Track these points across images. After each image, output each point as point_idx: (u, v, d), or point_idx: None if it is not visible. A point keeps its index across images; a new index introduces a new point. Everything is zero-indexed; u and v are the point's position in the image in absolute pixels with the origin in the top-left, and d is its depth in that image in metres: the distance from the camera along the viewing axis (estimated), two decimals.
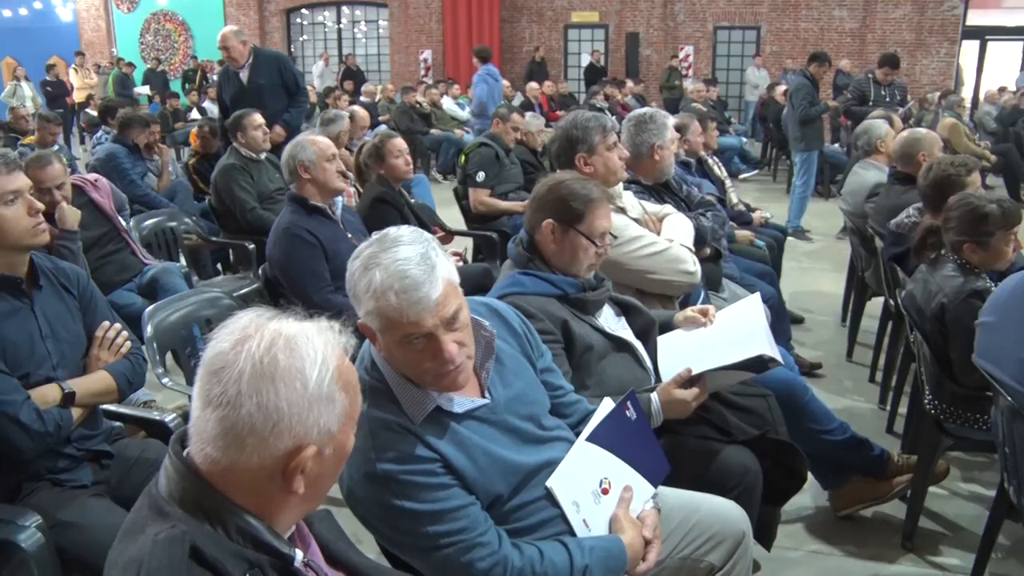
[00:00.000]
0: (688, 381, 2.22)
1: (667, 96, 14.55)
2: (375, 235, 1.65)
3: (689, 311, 2.54)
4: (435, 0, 17.67)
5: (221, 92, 6.26)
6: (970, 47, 16.37)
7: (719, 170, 5.32)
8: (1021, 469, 2.31)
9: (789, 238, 7.32)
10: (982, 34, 16.27)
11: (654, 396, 2.21)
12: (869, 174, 4.81)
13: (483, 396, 1.75)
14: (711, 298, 3.44)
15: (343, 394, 1.19)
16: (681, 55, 16.64)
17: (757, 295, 2.58)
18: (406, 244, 1.59)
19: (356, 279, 1.59)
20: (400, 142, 4.35)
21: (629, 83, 14.09)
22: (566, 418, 1.97)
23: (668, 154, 3.53)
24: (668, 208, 3.31)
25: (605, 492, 1.80)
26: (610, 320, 2.43)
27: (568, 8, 17.70)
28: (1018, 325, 2.36)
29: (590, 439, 1.81)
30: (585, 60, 17.05)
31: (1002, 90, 12.97)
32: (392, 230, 1.65)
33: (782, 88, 10.72)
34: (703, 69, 16.85)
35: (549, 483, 1.74)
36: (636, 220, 3.04)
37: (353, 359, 1.26)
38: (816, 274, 6.49)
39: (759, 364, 2.27)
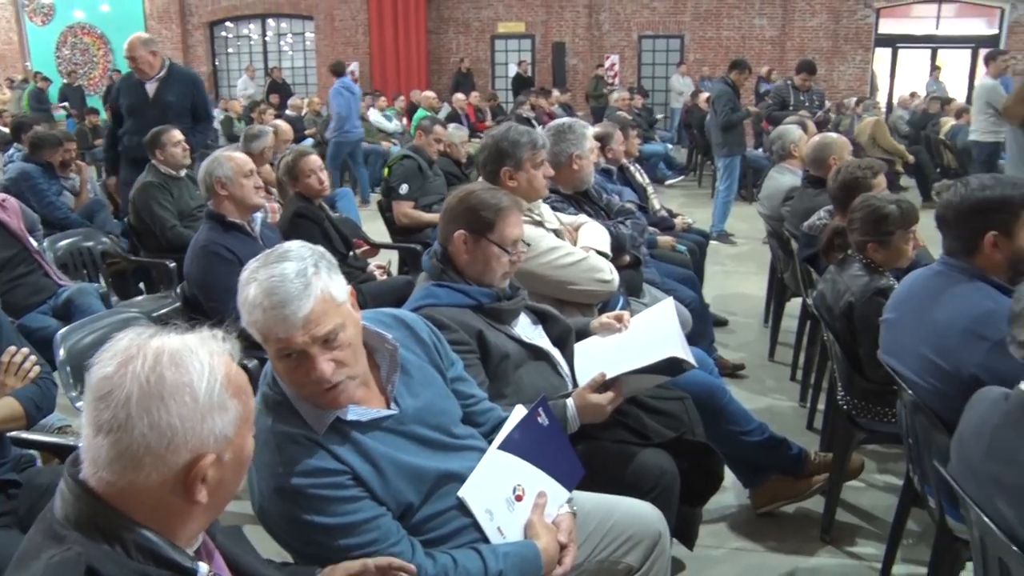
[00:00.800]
0: (603, 385, 2.25)
1: (594, 105, 14.72)
2: (268, 249, 1.66)
3: (604, 317, 2.58)
4: (361, 12, 17.59)
5: (117, 98, 5.98)
6: (883, 54, 16.95)
7: (641, 177, 5.40)
8: (923, 459, 2.40)
9: (714, 242, 7.48)
10: (893, 42, 16.85)
11: (569, 402, 2.24)
12: (784, 178, 4.94)
13: (389, 407, 1.75)
14: (632, 304, 3.49)
15: (235, 400, 1.19)
16: (607, 64, 16.87)
17: (669, 300, 2.62)
18: (290, 260, 1.59)
19: (240, 293, 1.59)
20: (314, 159, 4.29)
21: (555, 92, 14.21)
22: (479, 426, 1.98)
23: (587, 164, 3.57)
24: (583, 217, 3.36)
25: (519, 499, 1.81)
26: (527, 329, 2.46)
27: (494, 19, 17.79)
28: (916, 321, 2.46)
29: (502, 447, 1.82)
30: (512, 70, 17.15)
31: (913, 95, 13.44)
32: (284, 244, 1.66)
33: (705, 95, 10.94)
34: (629, 78, 17.11)
35: (461, 493, 1.74)
36: (555, 231, 3.07)
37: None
38: (740, 277, 6.63)
39: (673, 367, 2.31)
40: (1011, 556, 1.67)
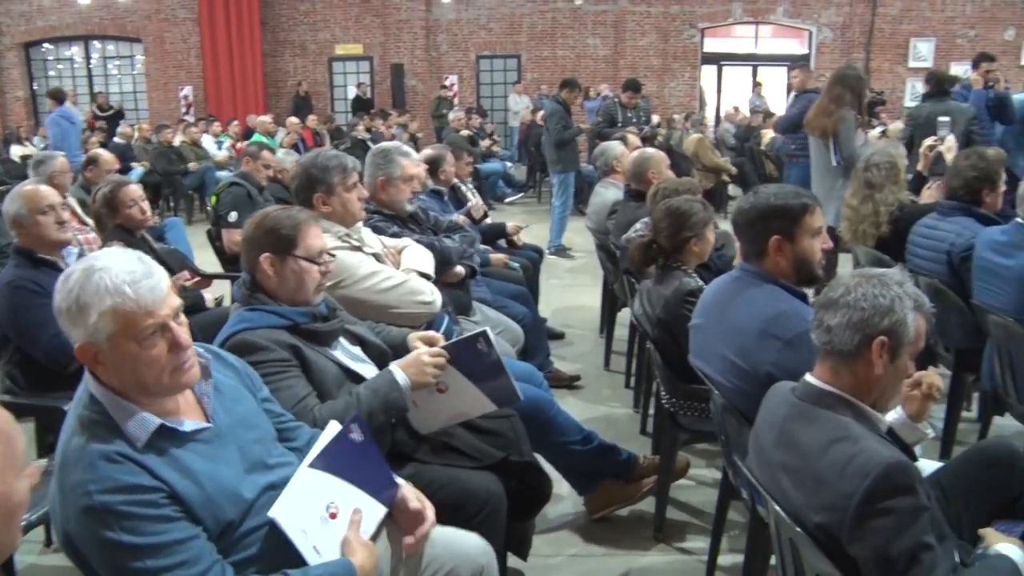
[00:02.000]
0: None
1: (437, 125, 14.83)
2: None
3: (418, 334, 2.60)
4: (192, 35, 17.02)
5: None
6: (709, 71, 17.89)
7: (472, 196, 5.49)
8: (734, 455, 2.55)
9: (551, 256, 7.68)
10: (718, 60, 17.84)
11: (393, 365, 2.30)
12: (608, 192, 5.13)
13: (206, 420, 1.75)
14: (462, 322, 3.55)
15: None
16: (447, 84, 17.02)
17: (485, 329, 2.63)
18: (113, 255, 1.64)
19: (78, 291, 1.58)
20: (134, 189, 4.12)
21: (393, 114, 14.21)
22: (291, 442, 1.99)
23: (396, 189, 3.57)
24: (407, 240, 3.39)
25: (333, 516, 1.81)
26: (347, 351, 2.46)
27: (332, 41, 17.62)
28: (718, 325, 2.61)
29: (313, 465, 1.82)
30: (351, 92, 17.04)
31: (736, 109, 14.22)
32: (93, 254, 1.67)
33: (541, 113, 11.21)
34: (468, 97, 17.33)
35: (271, 513, 1.72)
36: (376, 255, 3.09)
37: None
38: (577, 289, 6.81)
39: (495, 391, 2.40)
40: (796, 537, 1.80)
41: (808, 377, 1.94)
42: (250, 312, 2.30)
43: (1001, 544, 1.92)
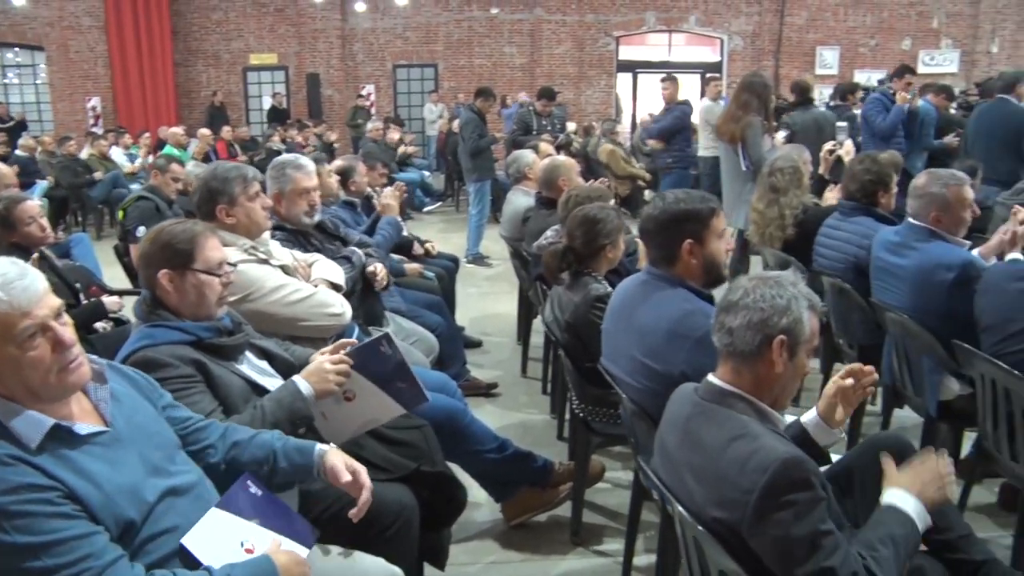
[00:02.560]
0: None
1: (354, 135, 14.71)
2: None
3: (326, 348, 2.57)
4: (99, 44, 16.53)
5: None
6: (624, 79, 18.17)
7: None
8: (644, 456, 2.59)
9: (469, 265, 7.69)
10: (633, 67, 18.13)
11: (296, 377, 2.28)
12: (520, 200, 5.17)
13: (104, 424, 1.71)
14: (374, 333, 3.52)
15: None
16: (364, 93, 16.91)
17: (385, 332, 2.61)
18: None
19: None
20: (31, 206, 3.97)
21: (310, 124, 14.05)
22: (202, 442, 1.97)
23: (292, 203, 3.51)
24: (315, 255, 3.36)
25: (249, 552, 1.78)
26: (253, 365, 2.43)
27: (245, 51, 17.35)
28: (627, 327, 2.66)
29: (221, 506, 1.80)
30: (267, 103, 16.79)
31: (652, 116, 14.43)
32: None
33: (457, 122, 11.22)
34: (385, 107, 17.26)
35: (184, 541, 1.70)
36: (284, 267, 3.05)
37: None
38: (495, 297, 6.83)
39: (401, 394, 2.38)
40: (699, 535, 1.84)
41: (710, 377, 1.99)
42: (151, 328, 2.25)
43: (889, 493, 1.98)
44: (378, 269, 3.61)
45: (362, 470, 2.00)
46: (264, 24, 17.25)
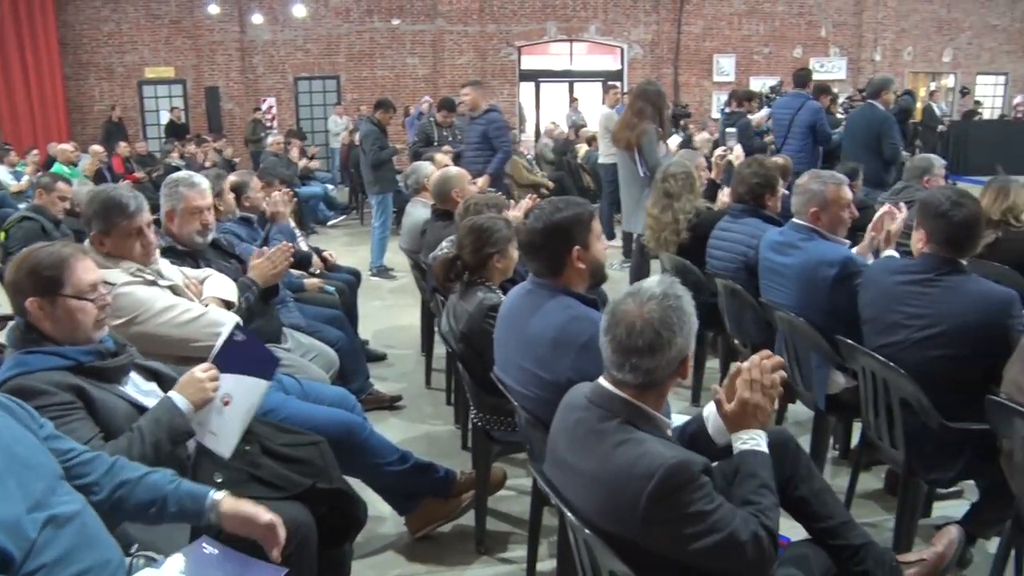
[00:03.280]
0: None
1: (253, 149, 14.44)
2: None
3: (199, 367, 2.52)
4: None
5: None
6: (527, 88, 18.35)
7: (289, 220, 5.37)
8: (540, 462, 2.61)
9: (373, 278, 7.63)
10: (535, 77, 18.33)
11: (171, 394, 2.26)
12: (419, 212, 5.17)
13: None
14: (273, 350, 3.46)
15: None
16: (264, 107, 16.63)
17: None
18: None
19: None
20: None
21: (209, 139, 13.74)
22: (87, 476, 1.91)
23: (184, 222, 3.44)
24: (207, 271, 3.30)
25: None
26: (139, 387, 2.37)
27: (140, 64, 16.87)
28: (516, 337, 2.68)
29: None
30: (164, 117, 16.35)
31: (555, 125, 14.64)
32: None
33: (359, 134, 11.13)
34: (287, 120, 17.01)
35: None
36: (173, 287, 2.98)
37: None
38: (399, 310, 6.78)
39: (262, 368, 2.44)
40: (589, 538, 1.87)
41: (601, 381, 2.00)
42: (26, 355, 2.17)
43: (736, 439, 2.04)
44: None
45: (265, 515, 1.96)
46: (159, 36, 16.82)
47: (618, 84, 10.25)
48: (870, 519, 3.48)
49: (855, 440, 3.76)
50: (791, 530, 2.31)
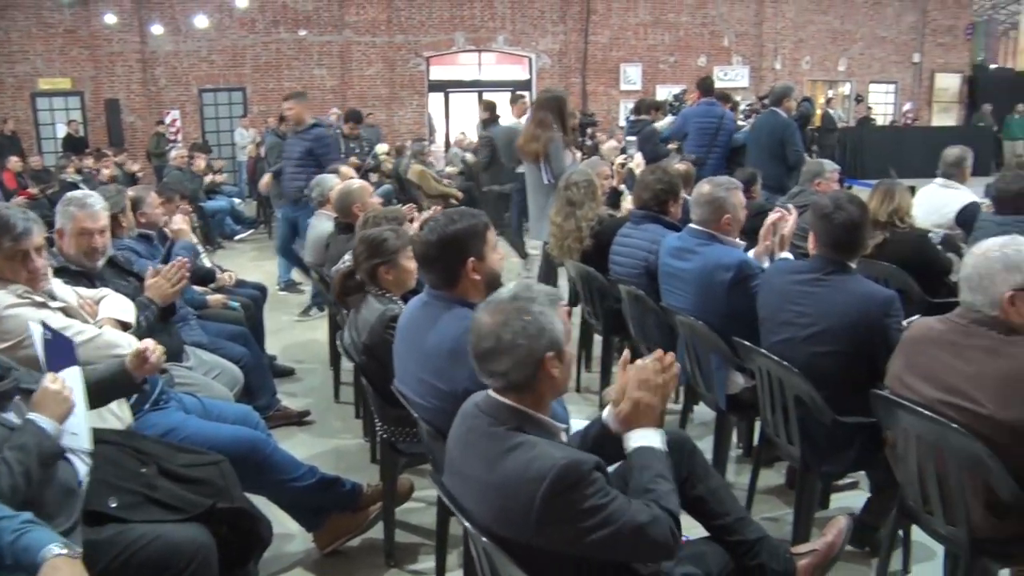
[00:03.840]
0: None
1: (157, 164, 14.05)
2: None
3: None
4: None
5: None
6: (436, 98, 18.36)
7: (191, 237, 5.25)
8: (440, 472, 2.62)
9: (282, 292, 7.52)
10: (444, 87, 18.36)
11: (32, 417, 2.20)
12: (323, 225, 5.13)
13: None
14: (173, 369, 3.40)
15: None
16: (167, 120, 16.22)
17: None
18: None
19: None
20: None
21: (110, 153, 13.31)
22: None
23: (73, 242, 3.33)
24: (103, 291, 3.21)
25: None
26: (24, 413, 2.28)
27: (33, 74, 16.25)
28: (413, 349, 2.70)
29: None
30: (61, 131, 15.77)
31: (464, 135, 14.69)
32: None
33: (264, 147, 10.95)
34: (192, 133, 16.62)
35: None
36: (65, 309, 2.89)
37: None
38: (308, 324, 6.69)
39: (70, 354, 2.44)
40: (486, 545, 1.89)
41: (491, 392, 2.03)
42: None
43: (628, 438, 2.07)
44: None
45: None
46: (53, 46, 16.24)
47: (525, 94, 10.30)
48: (772, 513, 3.59)
49: (758, 438, 3.87)
50: (690, 529, 2.38)
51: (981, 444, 2.28)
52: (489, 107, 9.02)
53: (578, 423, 2.44)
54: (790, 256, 3.79)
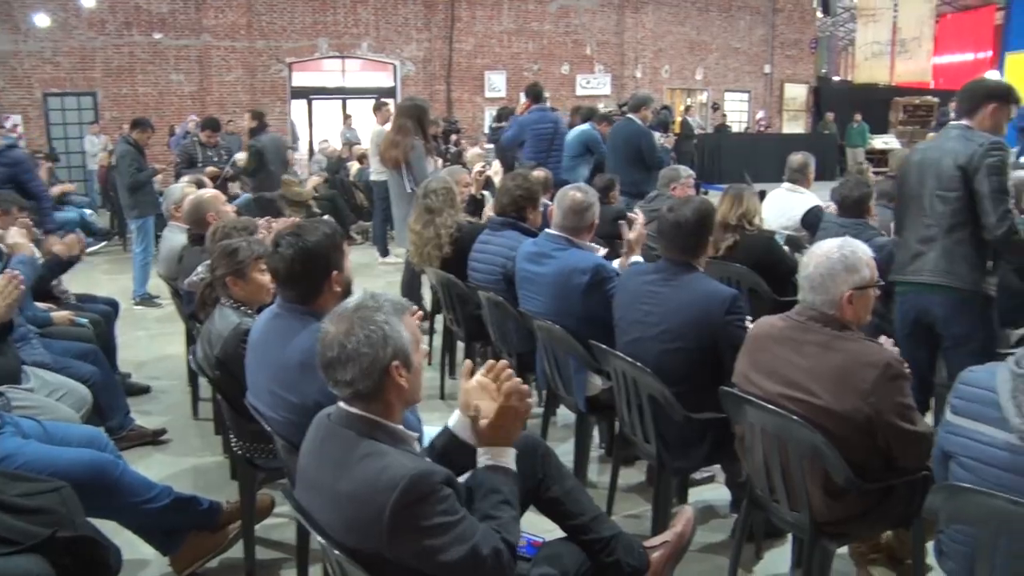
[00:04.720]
0: None
1: None
2: None
3: None
4: None
5: None
6: (299, 105, 18.02)
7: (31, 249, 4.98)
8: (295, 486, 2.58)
9: (137, 307, 7.23)
10: (308, 94, 18.05)
11: None
12: (176, 236, 4.96)
13: None
14: (9, 392, 3.22)
15: None
16: (8, 126, 15.28)
17: None
18: None
19: None
20: None
21: None
22: None
23: None
24: None
25: None
26: None
27: None
28: (264, 362, 2.66)
29: None
30: None
31: (325, 142, 14.51)
32: None
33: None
34: (37, 140, 15.70)
35: None
36: None
37: None
38: (166, 339, 6.43)
39: None
40: (339, 558, 1.87)
41: (341, 404, 2.01)
42: None
43: (480, 454, 2.11)
44: None
45: None
46: None
47: (389, 101, 10.26)
48: (634, 510, 3.70)
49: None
50: (550, 533, 2.43)
51: (819, 434, 2.43)
52: (257, 116, 9.28)
53: (435, 431, 2.45)
54: (640, 259, 3.92)
